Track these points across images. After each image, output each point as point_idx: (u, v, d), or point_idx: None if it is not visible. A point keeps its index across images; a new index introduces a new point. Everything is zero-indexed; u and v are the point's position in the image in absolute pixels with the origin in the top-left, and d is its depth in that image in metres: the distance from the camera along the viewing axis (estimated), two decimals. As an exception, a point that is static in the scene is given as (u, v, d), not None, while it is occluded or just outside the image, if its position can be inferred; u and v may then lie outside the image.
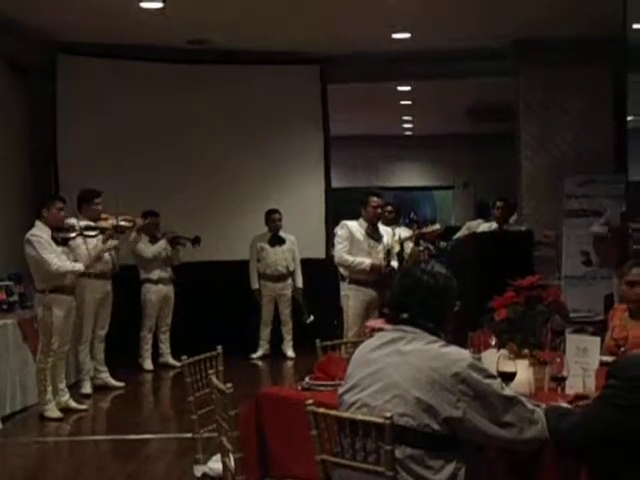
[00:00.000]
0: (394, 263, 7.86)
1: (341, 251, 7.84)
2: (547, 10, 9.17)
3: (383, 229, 8.04)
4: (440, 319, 3.11)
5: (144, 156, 10.52)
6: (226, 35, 10.16)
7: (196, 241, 10.00)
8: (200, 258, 10.25)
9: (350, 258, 7.78)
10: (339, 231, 7.97)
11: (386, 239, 7.94)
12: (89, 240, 7.99)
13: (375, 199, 7.89)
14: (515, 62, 10.74)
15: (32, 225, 7.67)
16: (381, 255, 7.77)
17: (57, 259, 7.43)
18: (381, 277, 7.71)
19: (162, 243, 9.91)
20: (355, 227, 7.86)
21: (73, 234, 7.66)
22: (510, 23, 9.75)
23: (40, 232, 7.49)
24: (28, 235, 7.47)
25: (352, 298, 7.81)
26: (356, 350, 3.23)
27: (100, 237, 8.08)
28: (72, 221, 7.86)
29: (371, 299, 7.80)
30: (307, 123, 11.27)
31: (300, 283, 10.65)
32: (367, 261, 7.73)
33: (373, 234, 7.88)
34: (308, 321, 10.15)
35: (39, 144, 10.40)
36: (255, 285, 10.63)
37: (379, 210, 7.92)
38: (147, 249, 9.82)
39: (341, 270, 8.07)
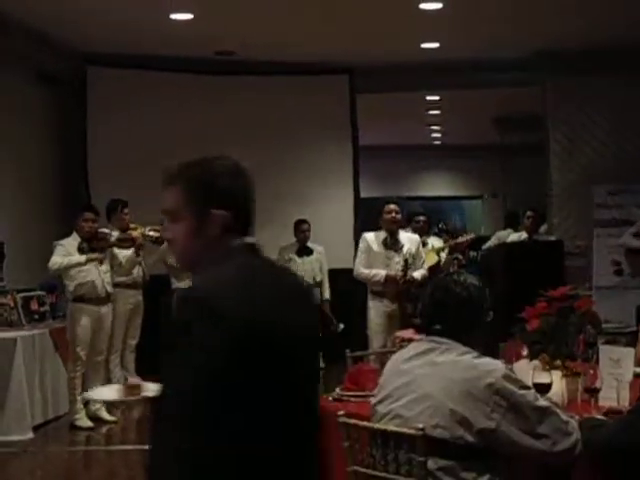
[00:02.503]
0: (416, 274, 7.59)
1: (358, 264, 7.68)
2: (575, 20, 9.13)
3: (406, 237, 7.78)
4: (473, 330, 3.10)
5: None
6: (254, 46, 10.19)
7: None
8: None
9: (365, 271, 7.59)
10: (360, 244, 7.83)
11: (407, 248, 7.65)
12: (123, 251, 8.06)
13: (389, 206, 7.64)
14: (543, 72, 10.70)
15: (63, 235, 7.81)
16: (399, 266, 7.53)
17: (59, 258, 7.49)
18: (400, 288, 7.52)
19: None
20: (372, 238, 7.67)
21: (104, 245, 7.71)
22: (538, 33, 9.71)
23: (65, 241, 7.61)
24: (55, 242, 7.64)
25: (373, 310, 7.65)
26: (389, 361, 3.22)
27: (132, 248, 8.14)
28: (106, 230, 7.96)
29: (392, 311, 7.58)
30: (336, 133, 11.27)
31: (327, 294, 10.61)
32: (382, 273, 7.50)
33: (391, 244, 7.63)
34: (339, 330, 10.09)
35: (70, 155, 10.49)
36: None
37: (393, 215, 7.60)
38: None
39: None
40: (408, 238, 7.77)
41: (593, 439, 2.93)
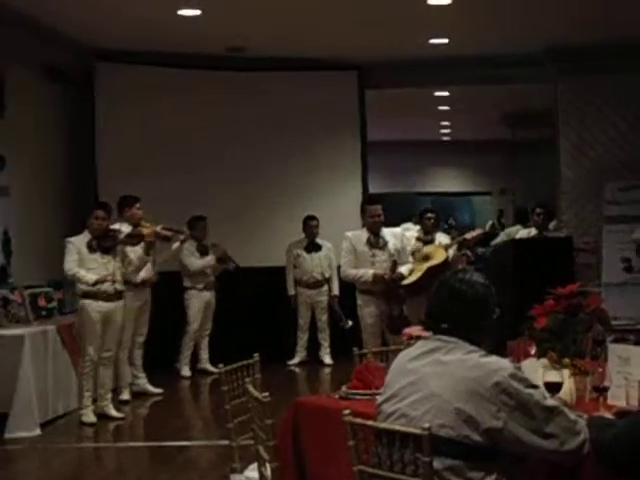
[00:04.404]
0: (403, 269, 7.58)
1: (345, 265, 7.63)
2: (586, 16, 9.08)
3: (389, 232, 7.72)
4: (479, 328, 3.06)
5: (182, 162, 10.56)
6: (264, 42, 10.18)
7: (237, 268, 10.01)
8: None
9: (353, 271, 7.53)
10: (343, 244, 7.73)
11: (392, 244, 7.62)
12: (133, 249, 8.06)
13: (374, 208, 7.59)
14: (553, 68, 10.66)
15: (72, 232, 7.83)
16: (385, 264, 7.50)
17: (72, 262, 7.47)
18: (388, 286, 7.49)
19: (210, 259, 9.91)
20: (357, 238, 7.60)
21: (113, 243, 7.70)
22: (547, 29, 9.67)
23: (75, 238, 7.61)
24: (65, 240, 7.64)
25: (364, 309, 7.60)
26: (395, 359, 3.20)
27: (142, 246, 8.13)
28: (116, 226, 7.95)
29: (382, 310, 7.55)
30: (345, 129, 11.26)
31: (336, 290, 10.61)
32: (370, 272, 7.45)
33: (376, 242, 7.57)
34: (347, 327, 10.06)
35: (79, 152, 10.50)
36: (291, 292, 10.62)
37: (377, 219, 7.56)
38: (194, 263, 9.83)
39: None
40: (391, 233, 7.72)
41: (601, 439, 2.90)
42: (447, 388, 2.88)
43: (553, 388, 3.26)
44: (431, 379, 2.93)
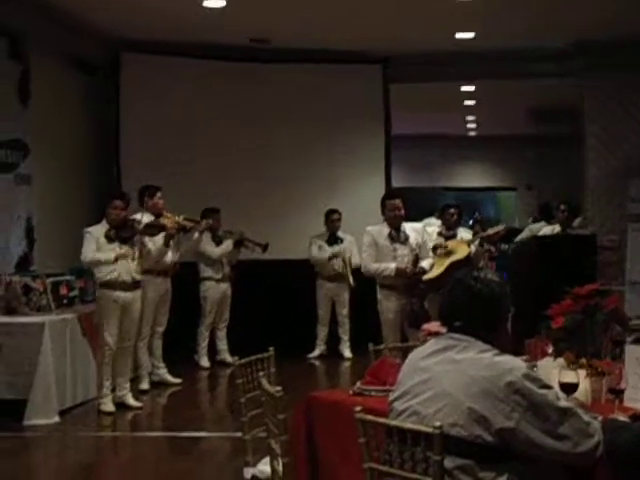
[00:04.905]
0: (424, 263, 7.51)
1: (366, 260, 7.55)
2: (612, 10, 8.99)
3: (410, 227, 7.65)
4: (494, 327, 3.04)
5: (205, 153, 10.58)
6: (288, 34, 10.16)
7: (266, 248, 10.01)
8: (257, 257, 10.23)
9: (375, 265, 7.45)
10: (364, 239, 7.65)
11: (413, 238, 7.55)
12: (153, 239, 8.08)
13: (394, 202, 7.52)
14: (579, 63, 10.56)
15: (94, 221, 7.85)
16: (407, 258, 7.44)
17: (90, 250, 7.51)
18: (409, 281, 7.42)
19: (228, 244, 9.93)
20: (378, 232, 7.53)
21: (132, 233, 7.71)
22: (575, 23, 9.58)
23: (94, 228, 7.63)
24: (84, 230, 7.67)
25: (384, 303, 7.52)
26: (408, 357, 3.17)
27: (162, 235, 8.15)
28: (137, 216, 7.96)
29: (403, 305, 7.47)
30: (369, 123, 11.22)
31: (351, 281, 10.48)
32: (392, 266, 7.38)
33: (397, 237, 7.50)
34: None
35: (102, 141, 10.54)
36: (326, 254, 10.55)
37: (397, 212, 7.49)
38: (213, 250, 9.85)
39: None
40: (412, 228, 7.67)
41: (615, 441, 2.86)
42: (459, 387, 2.85)
43: (569, 389, 3.22)
44: (443, 377, 2.90)
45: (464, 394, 2.84)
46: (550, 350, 3.87)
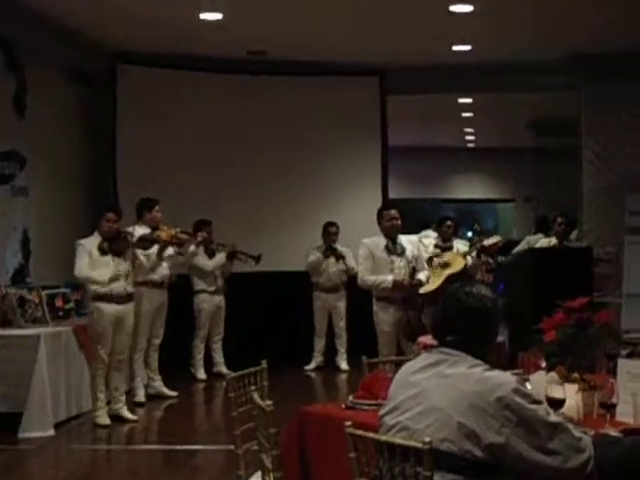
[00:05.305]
0: (421, 275, 7.49)
1: (362, 272, 7.50)
2: (609, 23, 9.00)
3: (406, 240, 7.62)
4: (485, 342, 3.03)
5: (201, 166, 10.58)
6: (285, 46, 10.18)
7: (259, 259, 10.00)
8: (252, 269, 10.21)
9: (372, 278, 7.40)
10: (360, 250, 7.60)
11: (410, 250, 7.53)
12: (146, 252, 8.06)
13: (390, 212, 7.49)
14: (576, 76, 10.57)
15: (90, 234, 7.79)
16: (404, 271, 7.40)
17: (83, 266, 7.48)
18: (407, 293, 7.39)
19: (221, 257, 9.93)
20: (374, 244, 7.49)
21: (125, 246, 7.68)
22: (572, 36, 9.60)
23: (86, 240, 7.60)
24: (76, 242, 7.64)
25: (380, 316, 7.47)
26: (398, 371, 3.16)
27: (155, 248, 8.14)
28: (130, 229, 7.94)
29: (399, 318, 7.42)
30: (365, 135, 11.23)
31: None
32: (389, 278, 7.33)
33: (394, 249, 7.47)
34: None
35: (99, 153, 10.53)
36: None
37: (394, 222, 7.47)
38: (206, 263, 9.84)
39: None
40: (408, 241, 7.65)
41: (606, 457, 2.85)
42: (449, 402, 2.84)
43: (555, 404, 3.20)
44: (434, 392, 2.89)
45: (454, 409, 2.83)
46: (543, 364, 3.86)
